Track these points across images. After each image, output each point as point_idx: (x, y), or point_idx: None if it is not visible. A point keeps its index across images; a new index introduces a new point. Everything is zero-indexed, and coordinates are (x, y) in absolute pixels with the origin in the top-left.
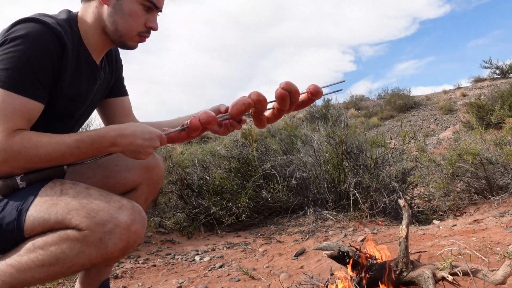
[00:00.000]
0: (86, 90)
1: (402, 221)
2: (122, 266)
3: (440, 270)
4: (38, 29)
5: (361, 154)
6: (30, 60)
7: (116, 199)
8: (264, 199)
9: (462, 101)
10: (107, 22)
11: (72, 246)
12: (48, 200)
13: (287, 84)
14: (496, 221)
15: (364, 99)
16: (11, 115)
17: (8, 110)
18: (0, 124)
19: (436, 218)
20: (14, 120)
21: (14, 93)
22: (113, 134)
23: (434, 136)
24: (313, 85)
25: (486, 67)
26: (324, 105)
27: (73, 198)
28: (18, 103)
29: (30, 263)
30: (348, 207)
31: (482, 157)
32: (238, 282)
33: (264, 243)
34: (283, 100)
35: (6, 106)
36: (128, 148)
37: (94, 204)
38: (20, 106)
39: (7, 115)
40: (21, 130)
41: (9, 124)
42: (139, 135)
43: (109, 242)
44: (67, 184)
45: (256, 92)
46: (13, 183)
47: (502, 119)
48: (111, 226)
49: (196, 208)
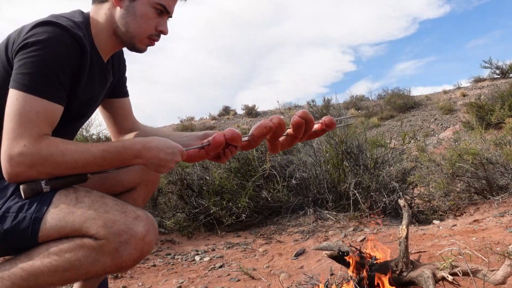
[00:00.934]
0: (98, 93)
1: (402, 221)
2: None
3: (440, 270)
4: (59, 33)
5: (361, 154)
6: (51, 64)
7: (132, 209)
8: (264, 199)
9: (462, 101)
10: (119, 23)
11: (88, 254)
12: (64, 208)
13: (304, 113)
14: (496, 221)
15: (364, 99)
16: (36, 119)
17: (32, 114)
18: (25, 128)
19: (436, 218)
20: (39, 124)
21: (37, 97)
22: (139, 146)
23: (434, 136)
24: (328, 117)
25: (486, 67)
26: (324, 105)
27: (89, 207)
28: (41, 107)
29: (43, 268)
30: (348, 207)
31: (482, 157)
32: (238, 282)
33: (264, 243)
34: (298, 127)
35: (30, 110)
36: (151, 161)
37: (111, 214)
38: (43, 110)
39: (32, 119)
40: (47, 135)
41: (35, 129)
42: (162, 149)
43: (124, 252)
44: (81, 192)
45: (277, 116)
46: (38, 187)
47: (502, 119)
48: (127, 236)
49: (196, 208)
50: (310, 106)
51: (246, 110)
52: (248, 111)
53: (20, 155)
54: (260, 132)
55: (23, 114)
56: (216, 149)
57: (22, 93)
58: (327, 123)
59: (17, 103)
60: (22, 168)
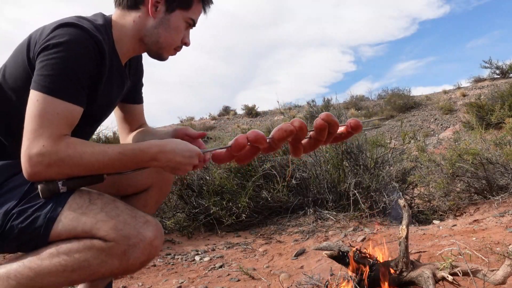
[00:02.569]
0: (115, 96)
1: (402, 221)
2: None
3: (440, 270)
4: (80, 36)
5: (361, 154)
6: (72, 66)
7: (141, 214)
8: (264, 199)
9: (462, 101)
10: (149, 32)
11: (97, 256)
12: (77, 209)
13: (327, 115)
14: (496, 221)
15: (364, 99)
16: (56, 120)
17: (52, 115)
18: (45, 129)
19: (436, 218)
20: (58, 125)
21: (57, 99)
22: (155, 150)
23: (434, 136)
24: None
25: (486, 67)
26: (324, 105)
27: (101, 209)
28: (62, 108)
29: (51, 268)
30: (348, 207)
31: (482, 157)
32: (238, 282)
33: (264, 243)
34: (321, 131)
35: (51, 111)
36: (168, 164)
37: (121, 217)
38: (63, 111)
39: (52, 120)
40: (66, 136)
41: (55, 130)
42: (179, 152)
43: (131, 255)
44: (94, 194)
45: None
46: (55, 187)
47: (502, 119)
48: (136, 240)
49: (196, 208)
50: (310, 106)
51: (246, 110)
52: (248, 111)
53: (39, 155)
54: (281, 136)
55: (43, 115)
56: (239, 151)
57: (42, 94)
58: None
59: (37, 104)
60: (40, 168)
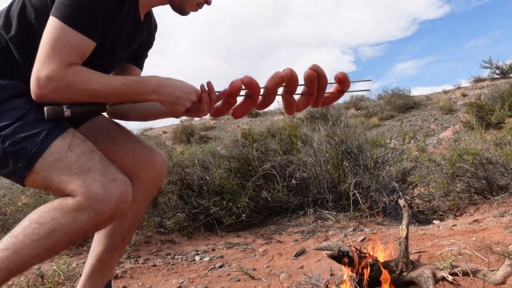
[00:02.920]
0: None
1: (402, 221)
2: (122, 266)
3: (440, 270)
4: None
5: (361, 154)
6: (93, 2)
7: (112, 171)
8: (264, 199)
9: (462, 101)
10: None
11: (65, 214)
12: (56, 153)
13: (314, 66)
14: (496, 221)
15: (364, 99)
16: (68, 49)
17: (66, 44)
18: (57, 55)
19: (436, 218)
20: (70, 54)
21: (73, 29)
22: (155, 83)
23: (434, 136)
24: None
25: (486, 67)
26: None
27: (76, 160)
28: (76, 39)
29: (26, 240)
30: (348, 207)
31: (482, 157)
32: (238, 282)
33: (264, 243)
34: (311, 81)
35: (65, 40)
36: (167, 98)
37: (91, 173)
38: (76, 42)
39: (65, 48)
40: (75, 64)
41: (65, 57)
42: (178, 87)
43: (99, 210)
44: (77, 139)
45: (289, 68)
46: (60, 110)
47: (502, 119)
48: (102, 197)
49: (196, 208)
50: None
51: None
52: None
53: (47, 79)
54: (273, 83)
55: (58, 42)
56: (235, 95)
57: (61, 22)
58: (340, 77)
59: (54, 31)
60: (46, 90)
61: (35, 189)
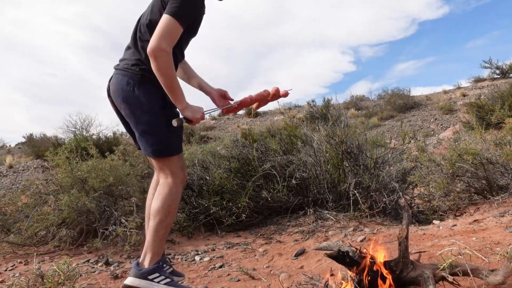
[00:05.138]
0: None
1: (402, 221)
2: (122, 266)
3: (440, 270)
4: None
5: (361, 154)
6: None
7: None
8: (264, 199)
9: (462, 101)
10: None
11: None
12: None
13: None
14: (496, 221)
15: (364, 99)
16: (173, 38)
17: (173, 35)
18: (168, 40)
19: (436, 218)
20: (172, 41)
21: (178, 24)
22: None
23: (434, 136)
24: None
25: (486, 67)
26: (324, 105)
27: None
28: (178, 30)
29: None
30: (348, 207)
31: (482, 157)
32: (238, 282)
33: (264, 243)
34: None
35: (174, 30)
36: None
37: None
38: (177, 32)
39: (171, 36)
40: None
41: (171, 43)
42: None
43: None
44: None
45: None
46: (180, 122)
47: (502, 119)
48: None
49: (196, 208)
50: (310, 106)
51: (246, 110)
52: (248, 111)
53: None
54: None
55: (166, 29)
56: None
57: (172, 17)
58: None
59: (166, 22)
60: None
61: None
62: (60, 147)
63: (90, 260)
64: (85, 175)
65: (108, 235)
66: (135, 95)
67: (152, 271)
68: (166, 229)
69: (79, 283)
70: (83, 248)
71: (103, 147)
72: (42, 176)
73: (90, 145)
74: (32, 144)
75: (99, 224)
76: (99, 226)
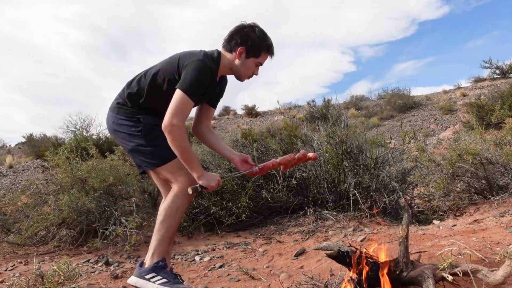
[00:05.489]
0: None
1: (402, 221)
2: (122, 266)
3: (440, 270)
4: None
5: (361, 154)
6: (200, 80)
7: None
8: (264, 199)
9: (462, 101)
10: (235, 67)
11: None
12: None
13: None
14: (496, 221)
15: (364, 99)
16: (186, 112)
17: (186, 109)
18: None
19: (436, 218)
20: (184, 114)
21: (189, 99)
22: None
23: (434, 136)
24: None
25: (486, 67)
26: (324, 105)
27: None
28: (190, 105)
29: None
30: (348, 207)
31: (482, 157)
32: (238, 282)
33: (264, 243)
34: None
35: (186, 106)
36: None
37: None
38: (188, 107)
39: (184, 111)
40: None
41: (184, 117)
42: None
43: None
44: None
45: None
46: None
47: (502, 119)
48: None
49: (196, 208)
50: (310, 106)
51: (246, 110)
52: (248, 111)
53: (171, 125)
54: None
55: (179, 105)
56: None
57: (183, 93)
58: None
59: (179, 98)
60: (169, 129)
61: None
62: (60, 147)
63: (90, 260)
64: (85, 175)
65: (108, 235)
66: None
67: (149, 270)
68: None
69: (79, 283)
70: (83, 248)
71: (103, 147)
72: (42, 176)
73: (90, 145)
74: (32, 144)
75: (99, 224)
76: (99, 226)
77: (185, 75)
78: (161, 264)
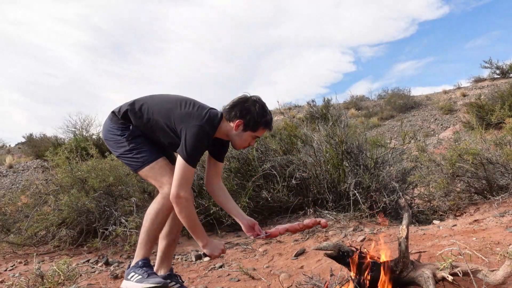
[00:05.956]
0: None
1: (402, 221)
2: (122, 266)
3: (440, 270)
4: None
5: (361, 154)
6: (199, 146)
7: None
8: (264, 199)
9: (462, 101)
10: (232, 136)
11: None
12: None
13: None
14: (496, 221)
15: (364, 99)
16: (190, 179)
17: (190, 177)
18: (185, 186)
19: (436, 218)
20: (188, 182)
21: (191, 167)
22: (205, 242)
23: (434, 136)
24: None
25: (486, 67)
26: (324, 105)
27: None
28: (192, 172)
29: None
30: (348, 207)
31: (482, 157)
32: (238, 282)
33: (264, 243)
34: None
35: (189, 175)
36: (206, 249)
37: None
38: (191, 175)
39: (187, 181)
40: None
41: (188, 186)
42: (211, 248)
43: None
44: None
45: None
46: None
47: (502, 119)
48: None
49: (196, 208)
50: (310, 107)
51: None
52: None
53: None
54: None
55: (183, 175)
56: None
57: (185, 163)
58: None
59: (183, 167)
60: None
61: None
62: (60, 147)
63: (90, 260)
64: (85, 175)
65: (108, 235)
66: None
67: (130, 271)
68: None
69: (79, 283)
70: (83, 248)
71: (103, 147)
72: (42, 176)
73: (90, 145)
74: (32, 144)
75: (99, 224)
76: (99, 226)
77: (184, 141)
78: (140, 264)
